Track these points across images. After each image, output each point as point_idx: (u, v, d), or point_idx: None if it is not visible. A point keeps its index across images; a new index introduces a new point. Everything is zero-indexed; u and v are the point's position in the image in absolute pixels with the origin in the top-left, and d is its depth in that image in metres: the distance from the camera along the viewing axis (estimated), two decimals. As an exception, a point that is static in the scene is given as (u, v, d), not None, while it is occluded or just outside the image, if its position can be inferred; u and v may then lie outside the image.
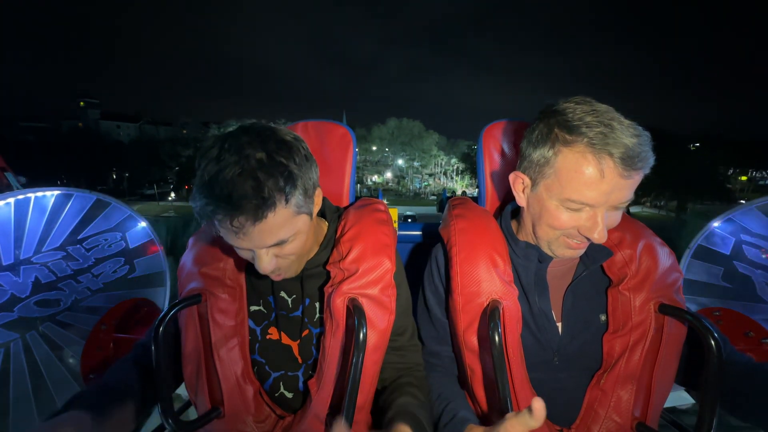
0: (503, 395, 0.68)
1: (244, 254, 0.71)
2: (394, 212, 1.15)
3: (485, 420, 0.81)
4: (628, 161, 0.65)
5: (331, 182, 1.06)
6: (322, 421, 0.75)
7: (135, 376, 0.80)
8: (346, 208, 0.94)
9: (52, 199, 1.42)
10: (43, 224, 1.39)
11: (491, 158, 1.03)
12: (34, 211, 1.37)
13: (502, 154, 1.03)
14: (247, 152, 0.61)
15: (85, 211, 1.50)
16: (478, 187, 1.06)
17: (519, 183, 0.79)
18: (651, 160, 0.67)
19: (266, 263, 0.69)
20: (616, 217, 0.73)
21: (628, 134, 0.65)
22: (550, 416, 0.79)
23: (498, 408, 0.72)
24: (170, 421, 0.72)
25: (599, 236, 0.70)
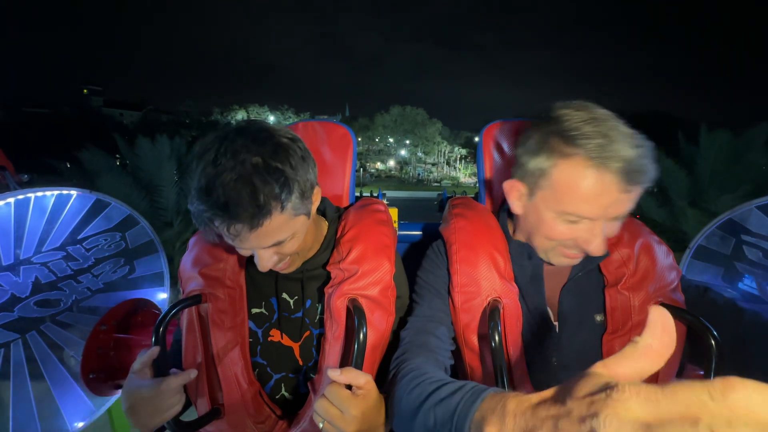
0: None
1: (245, 252, 0.72)
2: (394, 212, 1.14)
3: None
4: (629, 176, 0.62)
5: (331, 182, 1.06)
6: None
7: None
8: (346, 208, 0.94)
9: (53, 199, 1.41)
10: (43, 224, 1.39)
11: (491, 158, 1.03)
12: (34, 210, 1.36)
13: (503, 154, 1.03)
14: (242, 157, 0.61)
15: (85, 210, 1.50)
16: (477, 185, 1.06)
17: (515, 192, 0.77)
18: (652, 173, 0.64)
19: (266, 261, 0.70)
20: (615, 227, 0.71)
21: (628, 145, 0.62)
22: None
23: None
24: (170, 421, 0.72)
25: (596, 249, 0.69)
